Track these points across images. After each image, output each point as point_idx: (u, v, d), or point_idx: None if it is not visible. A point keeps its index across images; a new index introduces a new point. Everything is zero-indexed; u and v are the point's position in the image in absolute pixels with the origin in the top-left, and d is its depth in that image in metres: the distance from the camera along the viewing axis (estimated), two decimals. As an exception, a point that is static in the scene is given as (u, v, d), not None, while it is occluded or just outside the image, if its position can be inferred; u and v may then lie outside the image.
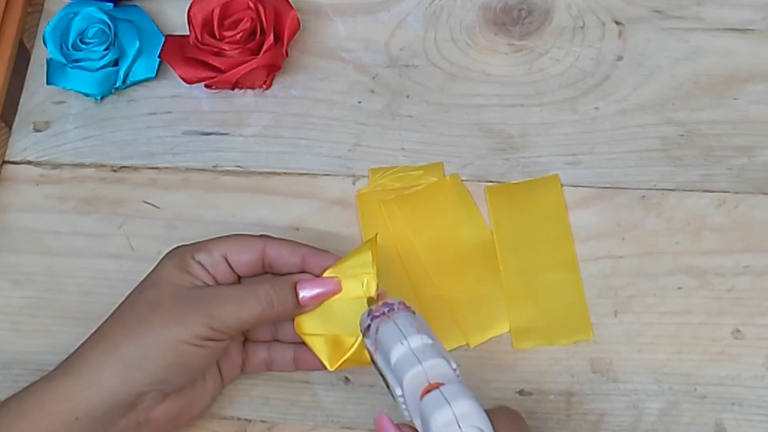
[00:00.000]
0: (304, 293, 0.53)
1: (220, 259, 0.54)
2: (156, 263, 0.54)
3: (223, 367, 0.56)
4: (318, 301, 0.53)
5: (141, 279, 0.61)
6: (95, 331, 0.52)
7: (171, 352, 0.50)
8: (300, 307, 0.53)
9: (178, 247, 0.54)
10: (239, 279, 0.55)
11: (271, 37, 0.63)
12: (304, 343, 0.54)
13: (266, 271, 0.55)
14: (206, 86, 0.66)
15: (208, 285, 0.53)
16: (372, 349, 0.49)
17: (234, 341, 0.56)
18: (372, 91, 0.66)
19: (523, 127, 0.64)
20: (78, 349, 0.52)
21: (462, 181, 0.63)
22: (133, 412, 0.51)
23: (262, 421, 0.58)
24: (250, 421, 0.58)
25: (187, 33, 0.65)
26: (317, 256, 0.54)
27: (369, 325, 0.50)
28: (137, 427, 0.51)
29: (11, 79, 0.66)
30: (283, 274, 0.55)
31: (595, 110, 0.64)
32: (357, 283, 0.53)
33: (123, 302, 0.53)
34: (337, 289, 0.53)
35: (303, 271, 0.55)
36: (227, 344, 0.53)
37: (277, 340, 0.57)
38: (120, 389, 0.50)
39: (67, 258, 0.62)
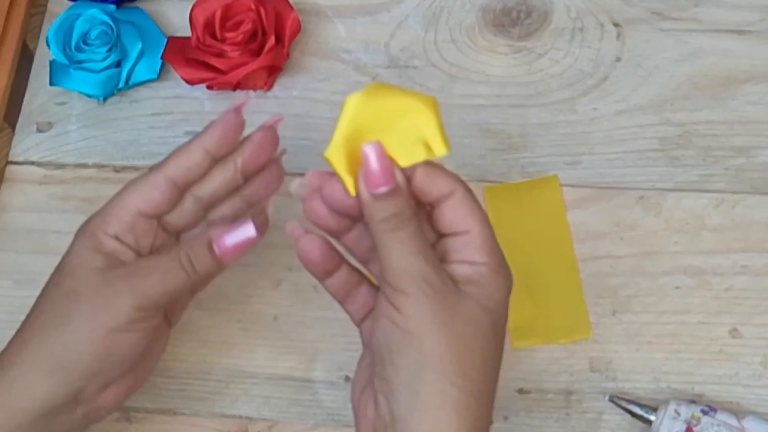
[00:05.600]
0: (220, 248, 0.48)
1: (132, 218, 0.48)
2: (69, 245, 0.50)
3: (172, 317, 0.52)
4: (240, 251, 0.48)
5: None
6: (17, 334, 0.49)
7: (101, 344, 0.46)
8: (222, 263, 0.49)
9: (86, 223, 0.49)
10: (170, 234, 0.51)
11: (272, 38, 0.63)
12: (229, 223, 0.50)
13: (197, 208, 0.50)
14: (208, 87, 0.66)
15: (125, 262, 0.48)
16: None
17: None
18: (372, 92, 0.66)
19: (523, 128, 0.64)
20: (2, 355, 0.48)
21: (461, 181, 0.63)
22: (77, 407, 0.48)
23: (264, 420, 0.58)
24: (251, 419, 0.59)
25: (189, 34, 0.65)
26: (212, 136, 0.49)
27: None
28: (85, 417, 0.49)
29: (14, 80, 0.66)
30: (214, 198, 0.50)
31: (594, 111, 0.64)
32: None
33: (39, 298, 0.49)
34: (254, 236, 0.48)
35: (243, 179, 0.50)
36: (159, 320, 0.49)
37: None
38: (56, 393, 0.47)
39: (70, 258, 0.62)
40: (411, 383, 0.42)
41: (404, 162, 0.44)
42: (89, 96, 0.66)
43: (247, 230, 0.48)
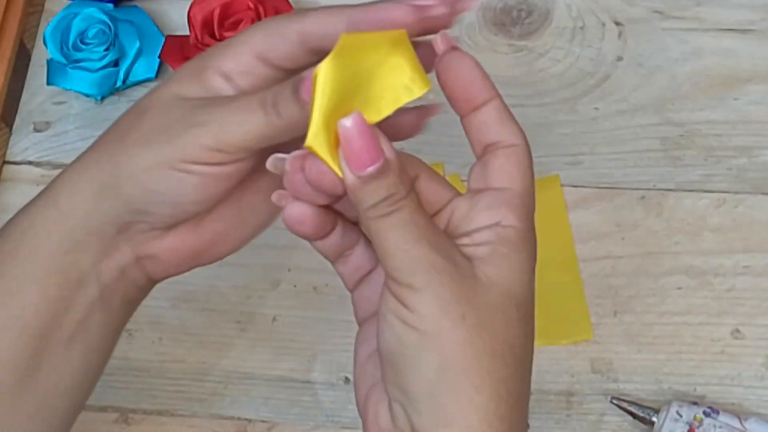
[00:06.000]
0: (306, 86, 0.37)
1: (251, 60, 0.40)
2: None
3: None
4: None
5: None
6: (85, 150, 0.43)
7: (147, 177, 0.39)
8: (307, 107, 0.38)
9: (206, 51, 0.42)
10: None
11: (272, 37, 0.63)
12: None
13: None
14: (206, 86, 0.66)
15: None
16: None
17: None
18: (372, 92, 0.66)
19: (523, 127, 0.64)
20: (59, 174, 0.42)
21: (462, 181, 0.63)
22: (126, 244, 0.41)
23: (263, 421, 0.58)
24: (250, 421, 0.58)
25: (188, 33, 0.65)
26: (369, 11, 0.39)
27: None
28: (138, 262, 0.42)
29: (11, 80, 0.66)
30: None
31: (595, 110, 0.64)
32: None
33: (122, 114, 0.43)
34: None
35: None
36: (231, 170, 0.39)
37: None
38: (94, 217, 0.40)
39: (68, 258, 0.62)
40: (431, 392, 0.37)
41: (385, 111, 0.37)
42: (87, 95, 0.66)
43: None
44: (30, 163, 0.65)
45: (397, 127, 0.41)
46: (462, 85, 0.40)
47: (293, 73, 0.40)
